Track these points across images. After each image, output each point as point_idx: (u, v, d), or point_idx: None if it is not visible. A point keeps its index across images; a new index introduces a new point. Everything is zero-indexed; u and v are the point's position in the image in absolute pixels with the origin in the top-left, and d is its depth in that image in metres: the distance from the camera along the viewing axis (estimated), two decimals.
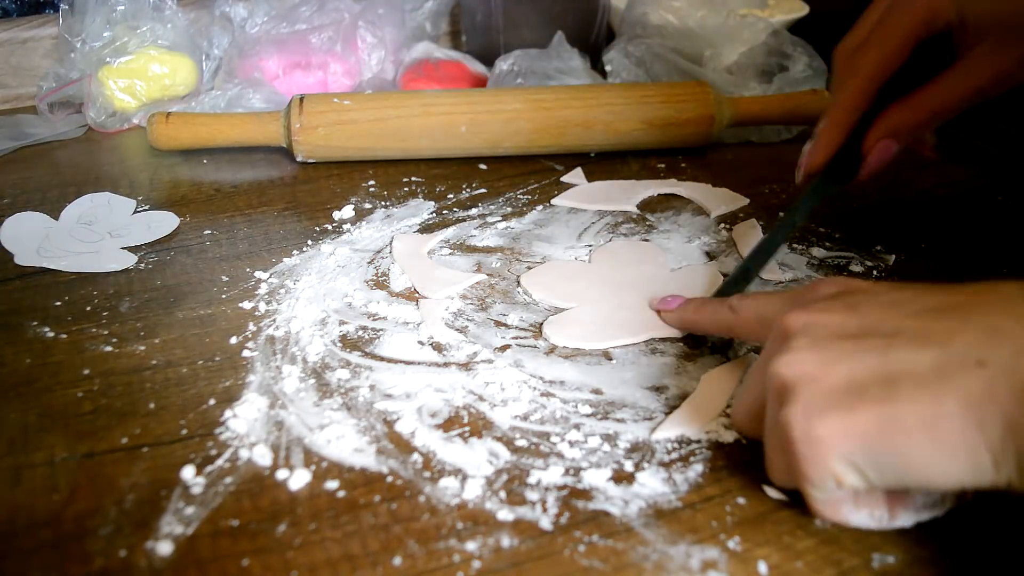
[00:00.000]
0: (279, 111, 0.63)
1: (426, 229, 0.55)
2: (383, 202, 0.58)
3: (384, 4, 0.75)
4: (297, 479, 0.35)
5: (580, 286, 0.48)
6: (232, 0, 0.73)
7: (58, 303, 0.47)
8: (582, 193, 0.59)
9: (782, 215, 0.49)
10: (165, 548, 0.32)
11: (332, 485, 0.35)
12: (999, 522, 0.33)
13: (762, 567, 0.32)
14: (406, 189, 0.60)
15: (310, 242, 0.53)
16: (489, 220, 0.56)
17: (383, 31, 0.74)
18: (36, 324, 0.45)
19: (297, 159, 0.63)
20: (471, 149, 0.63)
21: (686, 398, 0.40)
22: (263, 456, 0.36)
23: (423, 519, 0.34)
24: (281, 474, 0.36)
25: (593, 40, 0.78)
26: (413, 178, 0.61)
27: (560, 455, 0.37)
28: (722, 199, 0.58)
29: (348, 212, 0.57)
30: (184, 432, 0.38)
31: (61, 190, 0.59)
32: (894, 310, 0.32)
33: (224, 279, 0.49)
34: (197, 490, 0.35)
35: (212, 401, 0.40)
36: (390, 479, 0.35)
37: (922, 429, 0.29)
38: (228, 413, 0.39)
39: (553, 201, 0.58)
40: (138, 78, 0.68)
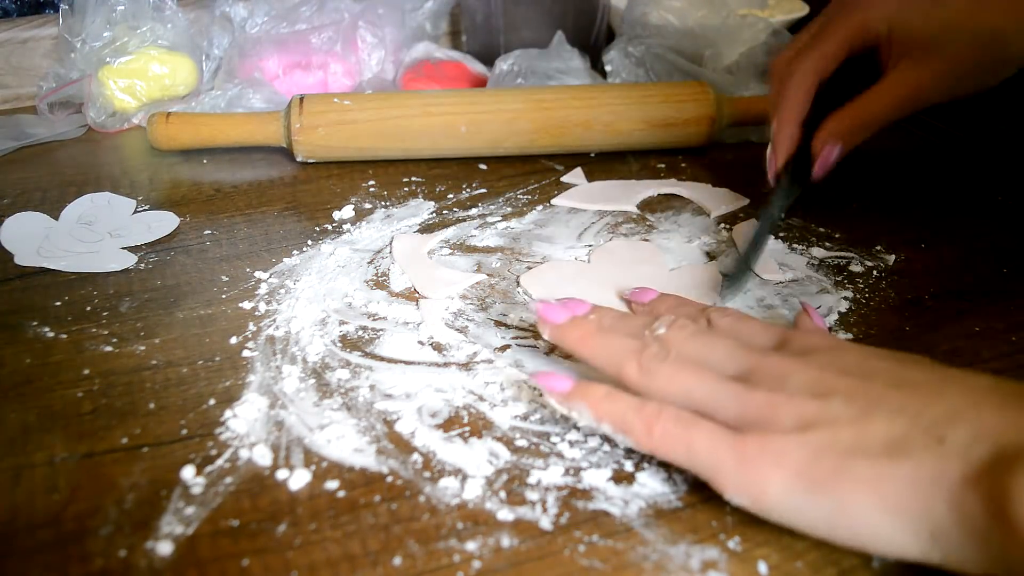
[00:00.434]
0: (279, 111, 0.63)
1: (426, 229, 0.55)
2: (383, 202, 0.58)
3: (384, 4, 0.75)
4: (297, 479, 0.35)
5: (580, 286, 0.48)
6: (232, 0, 0.73)
7: (58, 303, 0.47)
8: (582, 193, 0.59)
9: (760, 210, 0.51)
10: (165, 548, 0.32)
11: (332, 485, 0.35)
12: None
13: (762, 567, 0.32)
14: (406, 189, 0.60)
15: (310, 242, 0.53)
16: (489, 220, 0.56)
17: (383, 31, 0.74)
18: (36, 324, 0.45)
19: (297, 159, 0.63)
20: (471, 149, 0.63)
21: None
22: (263, 456, 0.36)
23: (423, 519, 0.34)
24: (281, 474, 0.36)
25: (593, 40, 0.78)
26: (413, 178, 0.61)
27: (560, 455, 0.37)
28: (722, 199, 0.58)
29: (348, 212, 0.57)
30: (184, 432, 0.38)
31: (61, 190, 0.59)
32: (874, 380, 0.32)
33: (224, 279, 0.49)
34: (197, 490, 0.35)
35: (212, 401, 0.40)
36: (390, 479, 0.35)
37: (872, 483, 0.29)
38: (228, 413, 0.39)
39: (553, 201, 0.58)
40: (138, 78, 0.68)
